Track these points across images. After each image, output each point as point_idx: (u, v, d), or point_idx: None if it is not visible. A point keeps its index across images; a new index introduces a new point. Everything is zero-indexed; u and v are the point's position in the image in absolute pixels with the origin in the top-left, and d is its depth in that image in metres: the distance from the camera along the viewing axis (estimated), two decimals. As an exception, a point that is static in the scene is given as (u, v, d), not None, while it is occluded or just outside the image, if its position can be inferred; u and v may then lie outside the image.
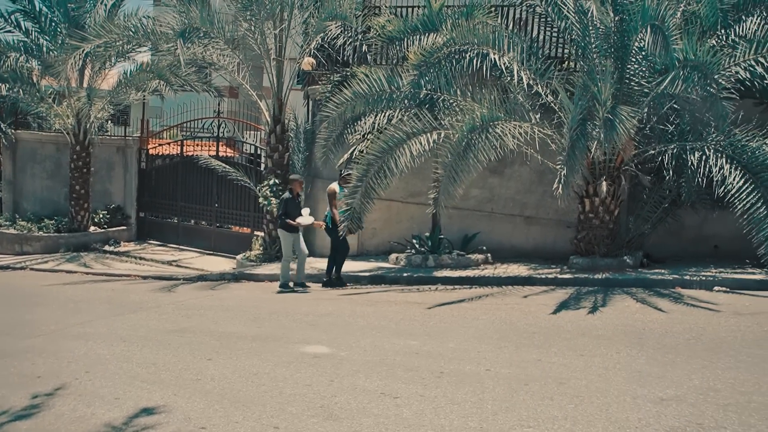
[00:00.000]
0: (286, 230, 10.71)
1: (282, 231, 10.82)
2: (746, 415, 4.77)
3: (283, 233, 10.80)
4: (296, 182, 10.92)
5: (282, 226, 10.74)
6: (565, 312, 8.23)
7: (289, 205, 10.62)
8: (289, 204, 10.62)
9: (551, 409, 5.05)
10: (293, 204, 10.67)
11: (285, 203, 10.66)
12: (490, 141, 9.53)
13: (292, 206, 10.64)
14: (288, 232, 10.71)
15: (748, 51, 9.58)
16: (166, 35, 12.14)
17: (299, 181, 11.05)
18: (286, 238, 10.76)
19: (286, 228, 10.68)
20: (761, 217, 9.20)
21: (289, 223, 10.56)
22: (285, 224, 10.63)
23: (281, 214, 10.65)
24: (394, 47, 11.29)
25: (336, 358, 6.72)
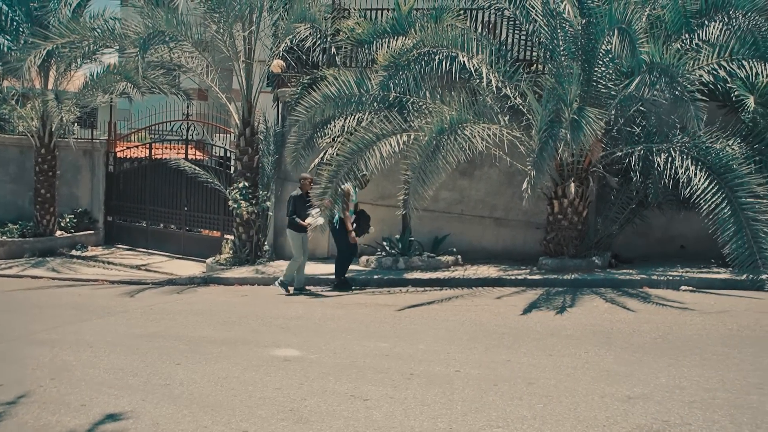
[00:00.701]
0: (295, 229, 10.34)
1: (290, 230, 10.44)
2: (711, 412, 4.84)
3: (292, 233, 10.42)
4: (306, 180, 10.48)
5: (290, 226, 10.39)
6: (535, 312, 8.29)
7: (297, 203, 10.27)
8: (298, 202, 10.27)
9: (520, 409, 5.07)
10: (302, 202, 10.28)
11: (293, 201, 10.31)
12: (459, 143, 9.57)
13: (301, 205, 10.26)
14: (296, 232, 10.35)
15: (711, 55, 9.78)
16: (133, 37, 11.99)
17: (309, 179, 10.52)
18: (296, 237, 10.37)
19: (294, 227, 10.34)
20: (726, 217, 9.37)
21: (298, 223, 10.23)
22: (294, 223, 10.31)
23: (290, 213, 10.29)
24: (363, 50, 11.32)
25: (306, 361, 6.69)
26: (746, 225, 9.28)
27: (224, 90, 13.26)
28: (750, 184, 9.35)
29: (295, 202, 10.31)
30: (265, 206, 13.09)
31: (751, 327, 7.27)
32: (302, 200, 10.29)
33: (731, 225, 9.36)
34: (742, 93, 9.85)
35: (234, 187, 12.94)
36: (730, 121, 10.32)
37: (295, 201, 10.30)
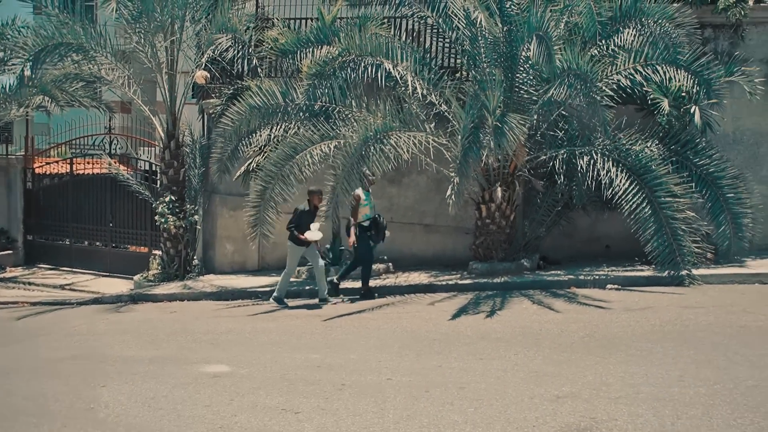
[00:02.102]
0: (295, 243, 9.96)
1: (290, 243, 10.03)
2: (635, 406, 4.96)
3: (291, 246, 10.02)
4: (315, 194, 10.05)
5: (290, 238, 10.02)
6: (465, 317, 8.35)
7: (302, 217, 9.91)
8: (303, 216, 9.91)
9: (452, 414, 5.09)
10: (308, 217, 9.94)
11: (299, 215, 9.90)
12: (385, 151, 9.60)
13: (306, 219, 9.92)
14: (296, 245, 9.95)
15: (627, 60, 10.10)
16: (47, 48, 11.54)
17: (318, 193, 10.07)
18: (294, 251, 10.02)
19: (294, 240, 9.94)
20: (646, 216, 9.68)
21: (297, 236, 9.87)
22: (293, 236, 9.91)
23: (291, 225, 9.94)
24: (287, 59, 11.22)
25: (236, 376, 6.58)
26: (666, 223, 9.61)
27: (147, 102, 12.94)
28: (668, 184, 9.69)
29: (300, 215, 9.90)
30: (193, 220, 12.83)
31: (672, 322, 7.50)
32: (308, 215, 9.93)
33: (652, 224, 9.68)
34: (658, 96, 10.19)
35: (160, 201, 12.64)
36: (647, 123, 10.66)
37: (301, 215, 9.90)
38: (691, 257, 9.59)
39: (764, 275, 9.66)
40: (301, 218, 9.87)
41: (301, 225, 9.84)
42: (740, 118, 11.23)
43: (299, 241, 9.85)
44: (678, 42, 10.19)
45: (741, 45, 11.20)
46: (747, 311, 7.89)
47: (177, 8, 12.00)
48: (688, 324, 7.40)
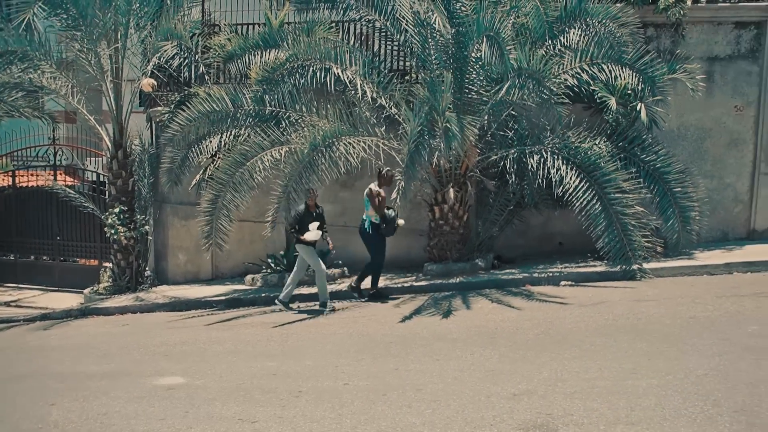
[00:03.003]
0: (302, 242, 9.71)
1: (299, 246, 9.78)
2: (590, 401, 5.00)
3: (301, 248, 9.76)
4: (310, 197, 9.82)
5: (296, 241, 9.78)
6: (422, 319, 8.36)
7: (300, 219, 9.65)
8: (301, 218, 9.65)
9: (410, 417, 5.07)
10: (307, 217, 9.66)
11: (298, 217, 9.66)
12: (336, 156, 9.56)
13: (306, 220, 9.64)
14: (305, 245, 9.69)
15: (574, 59, 10.25)
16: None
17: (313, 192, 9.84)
18: (306, 250, 9.72)
19: (301, 241, 9.68)
20: (597, 212, 9.83)
21: (298, 238, 9.64)
22: (297, 238, 9.69)
23: (292, 229, 9.72)
24: (235, 65, 11.08)
25: (191, 387, 6.45)
26: (616, 219, 9.77)
27: (93, 112, 12.65)
28: (617, 180, 9.86)
29: (298, 217, 9.67)
30: (144, 230, 12.57)
31: (625, 316, 7.62)
32: (308, 215, 9.67)
33: (602, 220, 9.84)
34: (605, 95, 10.36)
35: (110, 212, 12.36)
36: (595, 121, 10.83)
37: (301, 217, 9.66)
38: (641, 251, 9.78)
39: (712, 267, 9.91)
40: (301, 220, 9.64)
41: (302, 226, 9.61)
42: (684, 114, 11.49)
43: (306, 241, 9.63)
44: (622, 41, 10.38)
45: (682, 43, 11.46)
46: (696, 302, 8.06)
47: (120, 15, 11.75)
48: (640, 317, 7.52)
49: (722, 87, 11.58)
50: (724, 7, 11.52)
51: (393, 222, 9.71)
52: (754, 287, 8.72)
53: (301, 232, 9.57)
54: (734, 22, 11.54)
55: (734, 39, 11.56)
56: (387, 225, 9.70)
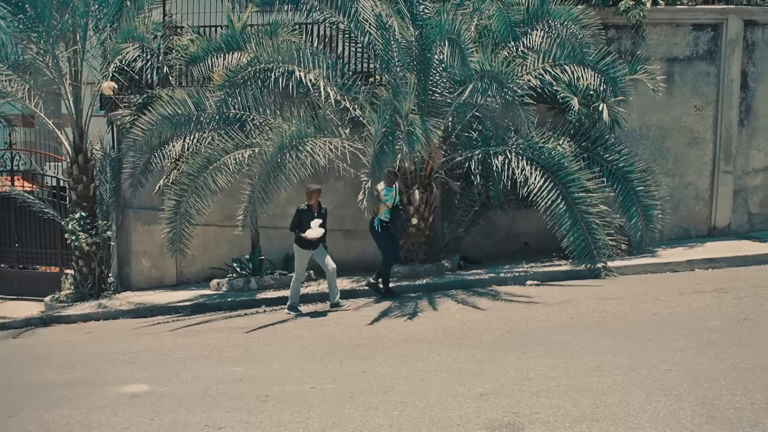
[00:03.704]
0: (300, 245, 9.49)
1: (295, 246, 9.53)
2: (556, 399, 5.03)
3: (297, 249, 9.52)
4: (313, 192, 9.50)
5: (296, 241, 9.52)
6: (388, 320, 8.34)
7: (303, 217, 9.39)
8: (304, 216, 9.38)
9: (377, 419, 5.04)
10: (309, 216, 9.43)
11: (299, 215, 9.40)
12: (301, 158, 9.52)
13: (308, 218, 9.38)
14: (302, 248, 9.46)
15: (537, 61, 10.34)
16: None
17: (316, 191, 9.57)
18: (301, 254, 9.50)
19: (299, 243, 9.47)
20: (561, 212, 9.93)
21: (300, 236, 9.37)
22: (298, 238, 9.46)
23: (294, 227, 9.43)
24: (198, 68, 10.95)
25: (156, 394, 6.34)
26: (580, 218, 9.88)
27: (51, 115, 12.41)
28: (581, 180, 9.97)
29: (300, 215, 9.41)
30: (106, 236, 12.37)
31: (590, 314, 7.69)
32: (309, 214, 9.43)
33: (567, 219, 9.94)
34: (567, 95, 10.46)
35: (71, 218, 12.14)
36: (558, 121, 10.94)
37: (301, 215, 9.41)
38: (606, 250, 9.90)
39: (675, 264, 10.06)
40: (301, 217, 9.42)
41: (303, 224, 9.40)
42: (645, 114, 11.65)
43: (305, 243, 9.43)
44: (584, 42, 10.51)
45: (642, 45, 11.63)
46: (659, 299, 8.17)
47: (78, 16, 11.54)
48: (604, 315, 7.60)
49: (682, 87, 11.78)
50: (682, 10, 11.73)
51: (404, 222, 9.61)
52: (715, 283, 8.87)
53: (302, 230, 9.36)
54: (692, 24, 11.75)
55: (692, 41, 11.76)
56: (395, 223, 9.57)
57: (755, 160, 12.12)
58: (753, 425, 4.28)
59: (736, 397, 4.75)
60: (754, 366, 5.37)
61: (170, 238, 10.32)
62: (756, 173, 12.15)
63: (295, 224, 9.43)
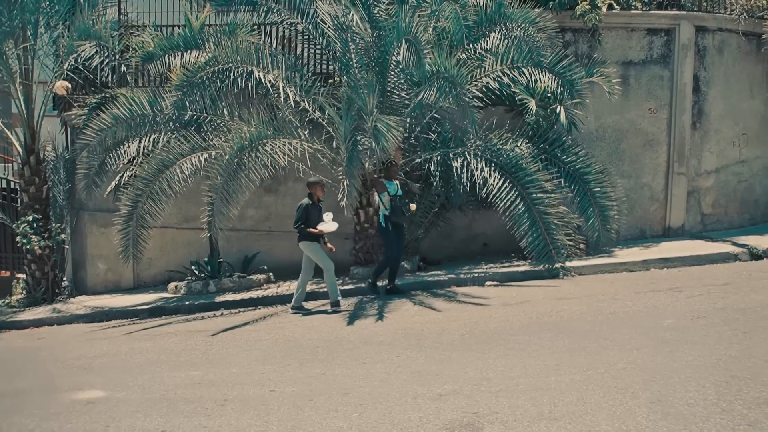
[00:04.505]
0: (309, 239, 9.15)
1: (304, 243, 9.18)
2: (515, 398, 5.06)
3: (307, 244, 9.17)
4: (316, 186, 9.31)
5: (303, 237, 9.17)
6: (348, 322, 8.31)
7: (310, 211, 9.13)
8: (310, 210, 9.14)
9: (336, 421, 5.01)
10: (315, 210, 9.21)
11: (305, 210, 9.12)
12: (261, 159, 9.45)
13: (314, 213, 9.15)
14: (312, 241, 9.15)
15: (495, 63, 10.44)
16: None
17: (320, 184, 9.39)
18: (312, 248, 9.18)
19: (307, 237, 9.14)
20: (520, 213, 10.02)
21: (310, 232, 9.07)
22: (305, 233, 9.11)
23: (300, 222, 9.11)
24: (155, 66, 10.77)
25: (112, 400, 6.20)
26: (539, 219, 9.99)
27: (1, 115, 12.11)
28: (539, 181, 10.08)
29: (306, 210, 9.16)
30: (60, 239, 12.11)
31: (548, 314, 7.76)
32: (315, 208, 9.23)
33: (526, 220, 10.03)
34: (525, 97, 10.57)
35: (22, 220, 11.85)
36: (517, 123, 11.05)
37: (307, 209, 9.16)
38: (564, 250, 10.02)
39: (631, 263, 10.23)
40: (308, 213, 9.16)
41: (310, 220, 9.12)
42: (602, 116, 11.84)
43: (313, 236, 9.17)
44: (541, 45, 10.63)
45: (599, 48, 11.82)
46: (615, 298, 8.28)
47: (28, 13, 11.26)
48: (562, 314, 7.68)
49: (637, 90, 12.00)
50: (637, 15, 11.95)
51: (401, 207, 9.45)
52: (669, 282, 9.04)
53: (309, 226, 9.12)
54: (646, 28, 11.99)
55: (647, 45, 11.99)
56: (395, 212, 9.45)
57: (707, 161, 12.41)
58: (705, 420, 4.36)
59: (689, 393, 4.83)
60: (706, 363, 5.48)
61: (124, 243, 10.16)
62: (708, 175, 12.43)
63: (302, 220, 9.15)
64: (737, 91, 12.55)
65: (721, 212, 12.66)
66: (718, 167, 12.52)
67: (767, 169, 13.16)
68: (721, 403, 4.62)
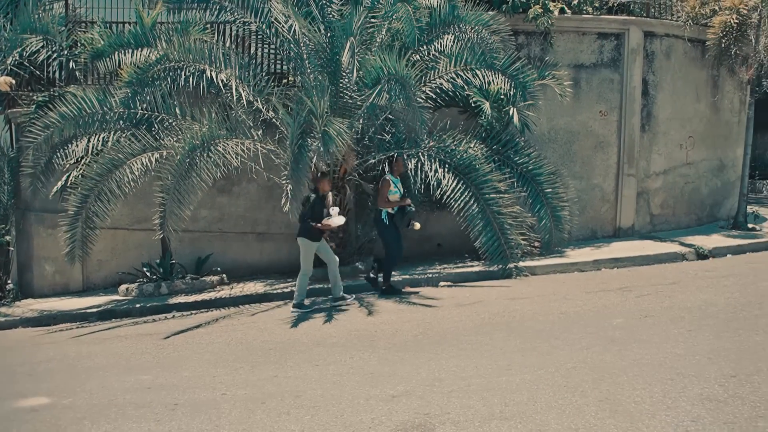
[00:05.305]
0: (309, 238, 8.97)
1: (303, 239, 9.01)
2: (467, 398, 5.10)
3: (305, 242, 8.99)
4: (323, 181, 9.24)
5: (304, 233, 9.00)
6: (301, 324, 8.27)
7: (316, 206, 8.97)
8: (317, 205, 8.98)
9: (288, 424, 4.98)
10: (320, 204, 9.01)
11: (312, 204, 8.95)
12: (213, 159, 9.32)
13: (319, 207, 9.01)
14: (311, 240, 8.98)
15: (448, 65, 10.48)
16: None
17: (326, 178, 9.33)
18: (308, 247, 9.01)
19: (309, 235, 8.96)
20: (474, 213, 10.09)
21: (315, 227, 8.89)
22: (308, 229, 8.92)
23: (306, 217, 8.93)
24: (105, 64, 10.54)
25: (57, 407, 6.05)
26: (493, 219, 10.07)
27: (-60, 112, 11.74)
28: (492, 181, 10.16)
29: (313, 205, 8.99)
30: (5, 241, 11.78)
31: (500, 314, 7.84)
32: (320, 202, 9.06)
33: (480, 220, 10.10)
34: (479, 99, 10.65)
35: (-37, 222, 11.51)
36: (470, 124, 11.11)
37: (314, 204, 9.00)
38: (518, 250, 10.13)
39: (582, 264, 10.41)
40: (314, 207, 9.00)
41: (316, 214, 8.98)
42: (554, 118, 12.00)
43: (315, 235, 9.00)
44: (494, 48, 10.70)
45: (551, 51, 11.98)
46: (567, 298, 8.41)
47: (-35, 5, 10.96)
48: (514, 314, 7.76)
49: (588, 93, 12.20)
50: (588, 19, 12.14)
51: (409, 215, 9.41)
52: (619, 282, 9.21)
53: (315, 220, 8.96)
54: (597, 32, 12.20)
55: (598, 48, 12.20)
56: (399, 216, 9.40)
57: (656, 163, 12.68)
58: (651, 417, 4.45)
59: (636, 391, 4.93)
60: (653, 361, 5.60)
61: (70, 245, 9.92)
62: (657, 176, 12.71)
63: (307, 214, 8.99)
64: (684, 95, 12.86)
65: (669, 213, 12.96)
66: (666, 169, 12.81)
67: (713, 171, 13.54)
68: (666, 400, 4.72)
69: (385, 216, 9.48)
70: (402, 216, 9.47)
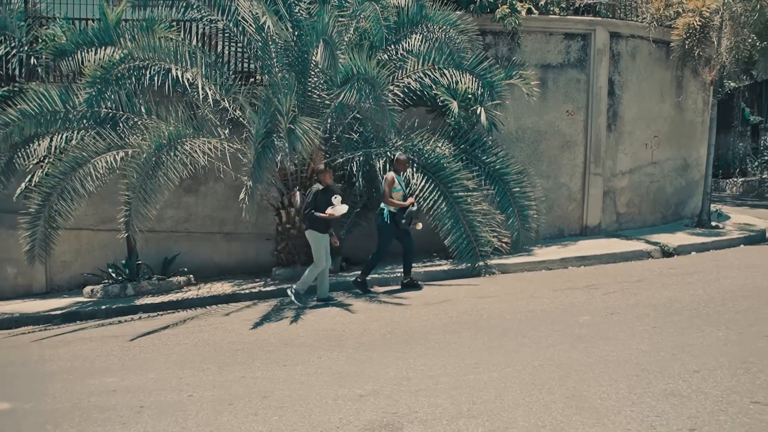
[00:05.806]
0: (317, 229, 8.89)
1: (311, 232, 8.94)
2: (435, 397, 5.10)
3: (313, 234, 8.92)
4: (325, 173, 9.12)
5: (311, 225, 8.93)
6: (269, 324, 8.22)
7: (319, 197, 8.89)
8: (319, 196, 8.90)
9: (256, 425, 4.94)
10: (323, 196, 8.94)
11: (315, 195, 8.89)
12: (180, 158, 9.22)
13: (323, 199, 8.92)
14: (318, 232, 8.90)
15: (416, 64, 10.52)
16: None
17: (328, 171, 9.23)
18: (317, 239, 8.92)
19: (315, 226, 8.89)
20: (443, 212, 10.13)
21: (319, 216, 8.83)
22: (314, 220, 8.87)
23: (309, 208, 8.88)
24: (67, 61, 10.36)
25: (19, 412, 5.92)
26: (462, 217, 10.12)
27: None
28: (461, 180, 10.21)
29: (316, 196, 8.90)
30: (-36, 242, 11.54)
31: (469, 312, 7.86)
32: (324, 194, 8.94)
33: (449, 219, 10.16)
34: (447, 98, 10.68)
35: (-76, 223, 11.22)
36: (438, 124, 11.14)
37: (316, 195, 8.90)
38: (487, 248, 10.16)
39: (549, 262, 10.48)
40: (317, 199, 8.92)
41: (319, 206, 8.91)
42: (521, 117, 12.08)
43: (323, 227, 8.93)
44: (462, 47, 10.76)
45: (518, 51, 12.07)
46: (534, 297, 8.46)
47: None
48: (482, 313, 7.79)
49: (555, 93, 12.30)
50: (555, 19, 12.25)
51: (411, 214, 9.32)
52: (586, 280, 9.30)
53: (319, 211, 8.90)
54: (564, 33, 12.31)
55: (564, 49, 12.31)
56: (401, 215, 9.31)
57: (622, 162, 12.84)
58: (617, 413, 4.49)
59: (602, 387, 4.97)
60: (619, 358, 5.65)
61: (30, 244, 9.74)
62: (623, 175, 12.87)
63: (311, 206, 8.94)
64: (649, 95, 13.04)
65: (635, 211, 13.13)
66: (632, 168, 12.97)
67: (677, 170, 13.75)
68: (632, 396, 4.77)
69: (387, 214, 9.42)
70: (404, 215, 9.39)
